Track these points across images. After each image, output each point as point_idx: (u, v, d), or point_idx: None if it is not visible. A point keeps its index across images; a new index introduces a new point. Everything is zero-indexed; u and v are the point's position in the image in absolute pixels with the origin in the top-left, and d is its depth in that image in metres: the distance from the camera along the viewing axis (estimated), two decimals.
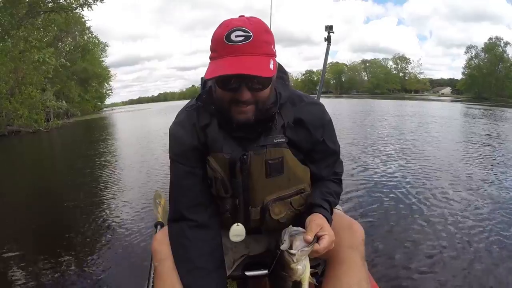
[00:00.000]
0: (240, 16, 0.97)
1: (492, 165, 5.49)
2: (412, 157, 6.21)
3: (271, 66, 0.92)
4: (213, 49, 0.95)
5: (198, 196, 1.09)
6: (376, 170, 5.18)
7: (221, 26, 0.93)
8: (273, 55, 0.96)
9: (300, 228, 0.95)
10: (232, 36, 0.89)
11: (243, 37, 0.89)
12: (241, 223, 1.11)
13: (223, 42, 0.90)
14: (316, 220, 0.98)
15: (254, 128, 1.02)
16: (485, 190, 4.06)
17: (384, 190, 4.11)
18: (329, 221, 1.03)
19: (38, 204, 4.51)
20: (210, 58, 0.96)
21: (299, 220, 1.06)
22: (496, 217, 3.20)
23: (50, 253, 2.84)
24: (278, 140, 1.05)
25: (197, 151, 1.08)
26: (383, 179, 4.63)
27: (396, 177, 4.73)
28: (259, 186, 1.07)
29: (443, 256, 2.45)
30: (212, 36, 0.96)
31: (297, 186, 1.12)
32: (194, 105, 1.10)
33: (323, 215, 1.03)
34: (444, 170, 5.10)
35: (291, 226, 0.97)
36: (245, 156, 1.03)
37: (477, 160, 5.87)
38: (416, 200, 3.70)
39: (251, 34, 0.89)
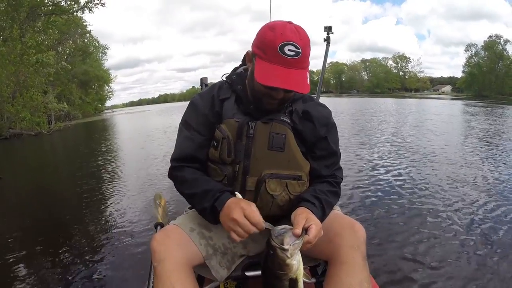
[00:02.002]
0: (289, 23, 1.04)
1: (494, 163, 5.47)
2: (413, 155, 6.21)
3: (308, 80, 1.05)
4: (262, 48, 1.04)
5: (194, 156, 1.20)
6: (377, 169, 5.18)
7: (274, 30, 1.02)
8: (308, 65, 1.07)
9: (287, 226, 0.96)
10: (285, 49, 0.99)
11: (294, 53, 1.00)
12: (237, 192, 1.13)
13: (276, 51, 1.00)
14: (301, 214, 1.01)
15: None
16: (488, 188, 4.05)
17: (385, 189, 4.10)
18: (316, 215, 1.05)
19: (40, 205, 4.52)
20: (257, 54, 1.06)
21: (291, 212, 1.09)
22: (499, 214, 3.20)
23: (50, 253, 2.86)
24: (284, 119, 1.16)
25: (206, 120, 1.19)
26: (384, 178, 4.62)
27: (397, 176, 4.72)
28: (260, 155, 1.14)
29: (444, 256, 2.44)
30: (262, 36, 1.05)
31: (295, 172, 1.16)
32: (218, 82, 1.26)
33: (309, 209, 1.06)
34: (446, 169, 5.08)
35: (279, 226, 0.97)
36: (253, 123, 1.14)
37: (478, 158, 5.87)
38: (418, 199, 3.69)
39: (300, 51, 1.01)
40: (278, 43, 0.99)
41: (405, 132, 9.70)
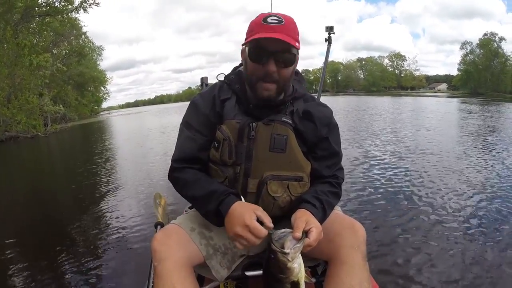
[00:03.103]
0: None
1: (492, 160, 5.49)
2: (412, 154, 6.21)
3: (297, 45, 1.06)
4: (249, 31, 1.09)
5: (195, 156, 1.18)
6: (377, 169, 5.17)
7: (258, 16, 1.09)
8: (298, 43, 1.08)
9: (287, 229, 0.96)
10: (268, 19, 1.04)
11: (277, 21, 1.04)
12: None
13: (260, 23, 1.05)
14: (301, 217, 1.01)
15: (267, 109, 1.15)
16: (488, 186, 4.04)
17: (385, 189, 4.10)
18: (317, 217, 1.05)
19: (38, 207, 4.51)
20: (246, 39, 1.09)
21: (292, 212, 1.09)
22: (499, 212, 3.20)
23: (49, 254, 2.86)
24: (286, 120, 1.15)
25: (207, 120, 1.18)
26: (383, 178, 4.62)
27: (397, 175, 4.72)
28: (262, 157, 1.13)
29: (444, 255, 2.44)
30: (250, 24, 1.10)
31: (297, 173, 1.15)
32: (218, 82, 1.25)
33: (309, 211, 1.06)
34: (444, 167, 5.09)
35: (279, 230, 0.97)
36: (254, 124, 1.13)
37: (477, 155, 5.88)
38: (418, 199, 3.69)
39: (284, 20, 1.05)
40: (261, 18, 1.06)
41: (403, 130, 9.73)
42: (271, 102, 1.12)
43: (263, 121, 1.13)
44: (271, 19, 1.04)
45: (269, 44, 1.03)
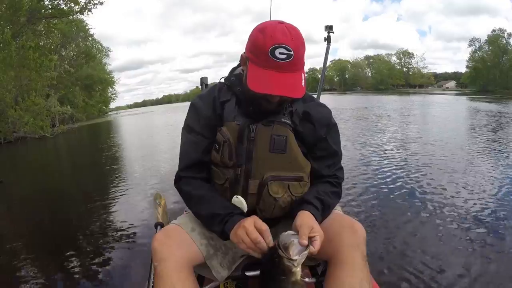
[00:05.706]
0: (279, 23, 1.01)
1: (496, 161, 5.43)
2: (414, 154, 6.15)
3: (303, 83, 1.03)
4: (253, 52, 1.02)
5: (200, 160, 1.19)
6: (378, 168, 5.14)
7: (264, 33, 0.99)
8: (304, 66, 1.05)
9: (290, 232, 0.96)
10: (276, 53, 0.96)
11: (286, 56, 0.97)
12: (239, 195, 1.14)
13: (266, 55, 0.97)
14: (307, 223, 1.00)
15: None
16: (489, 186, 3.99)
17: (386, 188, 4.07)
18: (318, 218, 1.05)
19: (41, 207, 4.57)
20: (249, 58, 1.04)
21: (292, 212, 1.10)
22: (504, 213, 3.15)
23: (52, 253, 2.90)
24: (285, 120, 1.14)
25: (209, 122, 1.18)
26: (385, 177, 4.58)
27: (399, 175, 4.67)
28: (262, 158, 1.13)
29: (445, 255, 2.42)
30: (253, 39, 1.03)
31: (297, 173, 1.15)
32: (218, 84, 1.24)
33: (312, 213, 1.06)
34: (447, 167, 5.02)
35: (283, 234, 0.97)
36: (254, 126, 1.12)
37: (480, 156, 5.78)
38: (418, 199, 3.64)
39: (292, 53, 0.97)
40: (269, 47, 0.97)
41: (407, 130, 9.66)
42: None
43: (262, 122, 1.13)
44: (280, 54, 0.96)
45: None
